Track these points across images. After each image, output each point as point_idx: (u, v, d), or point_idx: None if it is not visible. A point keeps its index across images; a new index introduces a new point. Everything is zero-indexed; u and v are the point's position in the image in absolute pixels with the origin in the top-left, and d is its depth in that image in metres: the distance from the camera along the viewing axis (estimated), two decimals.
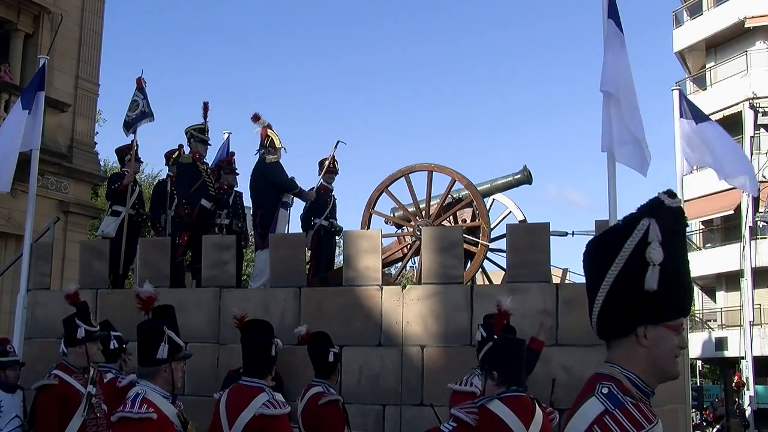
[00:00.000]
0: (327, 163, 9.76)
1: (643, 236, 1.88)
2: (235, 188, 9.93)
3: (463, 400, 4.06)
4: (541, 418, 3.53)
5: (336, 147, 9.89)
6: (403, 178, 8.86)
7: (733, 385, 16.01)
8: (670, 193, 1.93)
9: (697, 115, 8.69)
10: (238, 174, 10.07)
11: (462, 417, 3.42)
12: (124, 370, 6.11)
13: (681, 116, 8.60)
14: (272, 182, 8.98)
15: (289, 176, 9.15)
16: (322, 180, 9.71)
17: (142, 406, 3.34)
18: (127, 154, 9.63)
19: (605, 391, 1.82)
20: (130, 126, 9.37)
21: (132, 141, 9.59)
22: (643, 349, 1.89)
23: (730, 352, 22.89)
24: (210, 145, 9.77)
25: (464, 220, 9.30)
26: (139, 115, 9.27)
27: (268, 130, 9.18)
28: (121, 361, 6.23)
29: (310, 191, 9.40)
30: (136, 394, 3.41)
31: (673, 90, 8.76)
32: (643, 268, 1.86)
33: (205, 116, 9.67)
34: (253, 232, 9.63)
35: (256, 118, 9.23)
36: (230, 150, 11.43)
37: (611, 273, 1.89)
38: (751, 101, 21.50)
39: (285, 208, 9.24)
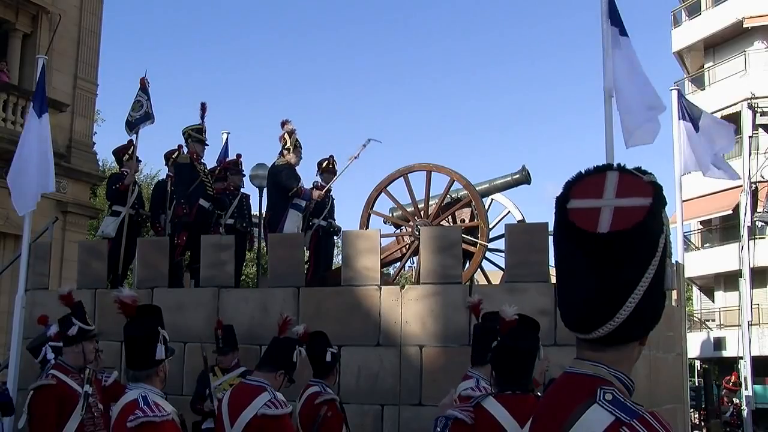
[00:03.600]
0: (326, 163, 9.74)
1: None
2: (241, 189, 9.93)
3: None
4: None
5: (365, 146, 9.32)
6: (402, 178, 8.85)
7: (732, 384, 16.00)
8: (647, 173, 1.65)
9: (694, 114, 8.73)
10: (244, 175, 10.07)
11: (457, 415, 3.41)
12: (99, 368, 6.09)
13: (680, 118, 8.63)
14: (275, 183, 9.02)
15: (298, 177, 9.04)
16: (320, 180, 9.70)
17: (159, 408, 3.29)
18: (125, 154, 9.63)
19: (609, 397, 1.55)
20: (133, 126, 9.35)
21: (129, 141, 9.58)
22: (638, 349, 1.68)
23: (729, 352, 22.89)
24: (207, 145, 9.76)
25: (463, 220, 9.30)
26: (142, 116, 9.24)
27: (287, 135, 9.13)
28: (96, 359, 6.21)
29: (314, 190, 9.21)
30: (143, 396, 3.31)
31: (671, 90, 8.80)
32: (663, 263, 1.59)
33: (202, 116, 9.66)
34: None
35: (282, 123, 9.21)
36: (229, 150, 11.43)
37: (653, 265, 1.57)
38: (749, 101, 21.48)
39: (298, 210, 8.97)
